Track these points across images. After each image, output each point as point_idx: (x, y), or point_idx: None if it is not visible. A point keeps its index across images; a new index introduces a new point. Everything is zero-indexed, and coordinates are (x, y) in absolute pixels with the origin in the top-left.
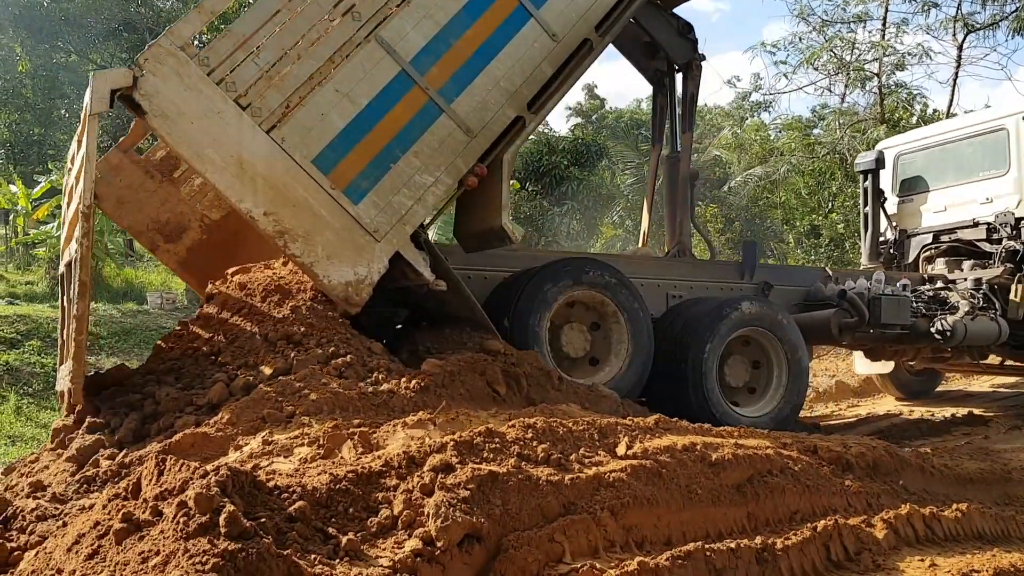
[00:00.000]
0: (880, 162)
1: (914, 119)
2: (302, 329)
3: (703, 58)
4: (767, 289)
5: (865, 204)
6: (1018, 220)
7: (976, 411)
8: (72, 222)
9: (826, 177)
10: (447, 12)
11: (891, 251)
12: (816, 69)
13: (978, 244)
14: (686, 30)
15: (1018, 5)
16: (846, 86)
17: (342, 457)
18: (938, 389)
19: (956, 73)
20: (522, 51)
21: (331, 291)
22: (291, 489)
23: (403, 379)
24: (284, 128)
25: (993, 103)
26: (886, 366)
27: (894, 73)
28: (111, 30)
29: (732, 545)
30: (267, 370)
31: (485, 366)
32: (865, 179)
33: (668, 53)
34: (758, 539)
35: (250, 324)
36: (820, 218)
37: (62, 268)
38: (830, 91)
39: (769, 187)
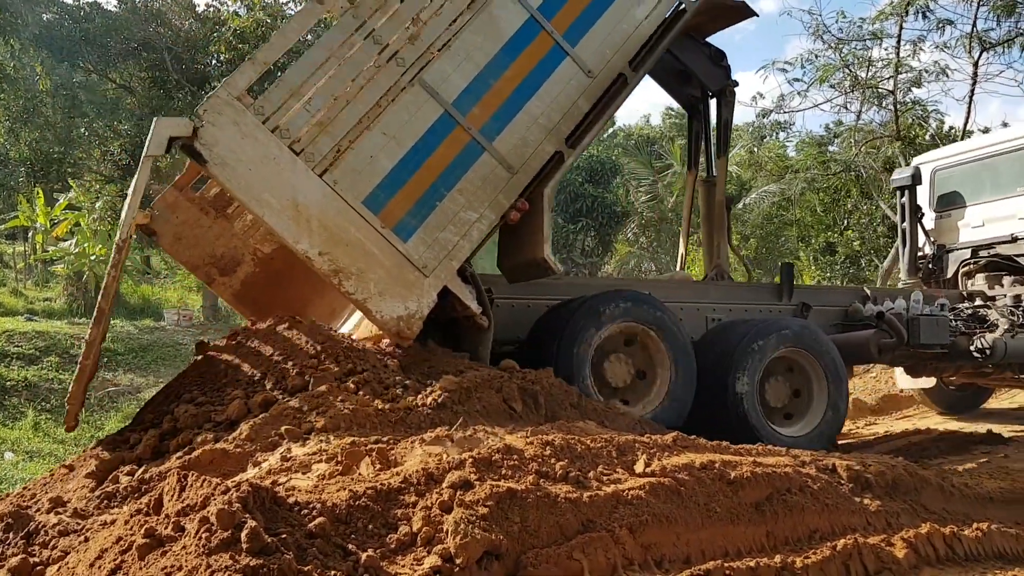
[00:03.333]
0: (916, 178)
1: (928, 136)
2: (319, 346)
3: (736, 84)
4: (805, 310)
5: (903, 220)
6: None
7: (995, 429)
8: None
9: (841, 194)
10: (486, 54)
11: (929, 266)
12: (832, 86)
13: (1017, 259)
14: (719, 58)
15: None
16: (862, 103)
17: (360, 474)
18: (985, 404)
19: (972, 90)
20: (559, 89)
21: (384, 326)
22: (311, 505)
23: (420, 395)
24: (336, 171)
25: (1011, 120)
26: (928, 381)
27: (910, 90)
28: (130, 50)
29: (751, 564)
30: (286, 386)
31: (502, 383)
32: (902, 195)
33: (702, 81)
34: (777, 558)
35: (270, 345)
36: (836, 235)
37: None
38: (846, 108)
39: (784, 204)
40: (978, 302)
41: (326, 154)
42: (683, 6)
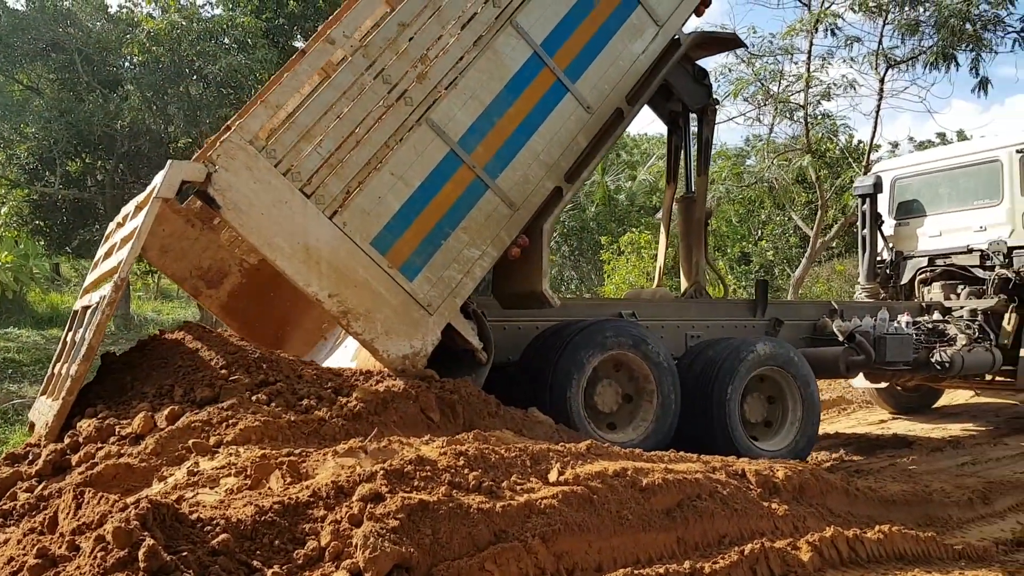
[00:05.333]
0: (878, 186)
1: (838, 149)
2: (229, 357)
3: (717, 102)
4: (777, 325)
5: (863, 226)
6: (1010, 249)
7: (900, 433)
8: (103, 276)
9: (755, 206)
10: (491, 92)
11: (887, 271)
12: (746, 100)
13: (971, 269)
14: (701, 76)
15: (935, 40)
16: (774, 117)
17: (269, 488)
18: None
19: (879, 105)
20: (560, 125)
21: (390, 365)
22: (215, 521)
23: (334, 406)
24: (345, 213)
25: (915, 135)
26: (881, 383)
27: (820, 103)
28: (39, 50)
29: (661, 570)
30: (194, 398)
31: (419, 393)
32: (863, 202)
33: (684, 99)
34: (687, 563)
35: (178, 356)
36: (750, 245)
37: (78, 306)
38: (759, 121)
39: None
40: (936, 316)
41: (336, 195)
42: (678, 39)
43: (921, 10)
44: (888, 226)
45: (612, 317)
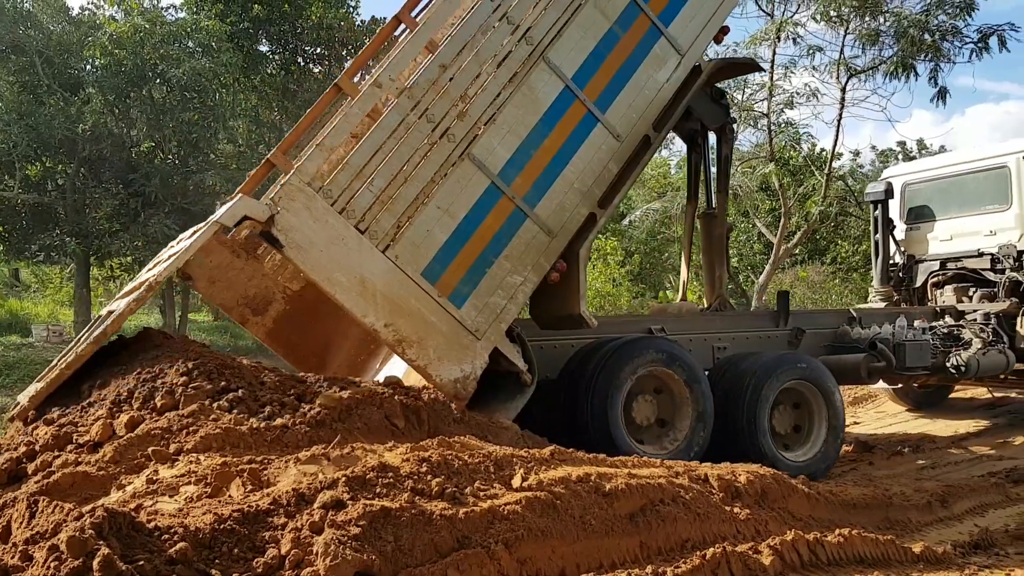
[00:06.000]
0: (889, 192)
1: (801, 157)
2: (190, 363)
3: (735, 121)
4: (800, 334)
5: (876, 231)
6: (1020, 253)
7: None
8: (137, 286)
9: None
10: (527, 125)
11: (900, 275)
12: None
13: (983, 273)
14: (718, 96)
15: (894, 50)
16: (737, 125)
17: (230, 496)
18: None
19: (840, 114)
20: (592, 154)
21: (443, 388)
22: (173, 530)
23: (297, 413)
24: (397, 247)
25: (877, 144)
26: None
27: (783, 112)
28: None
29: (624, 575)
30: (154, 405)
31: (383, 399)
32: (875, 208)
33: (703, 119)
34: (649, 568)
35: (139, 362)
36: None
37: (104, 311)
38: None
39: (666, 221)
40: (951, 320)
41: (388, 230)
42: (699, 66)
43: (881, 20)
44: (900, 231)
45: (644, 334)
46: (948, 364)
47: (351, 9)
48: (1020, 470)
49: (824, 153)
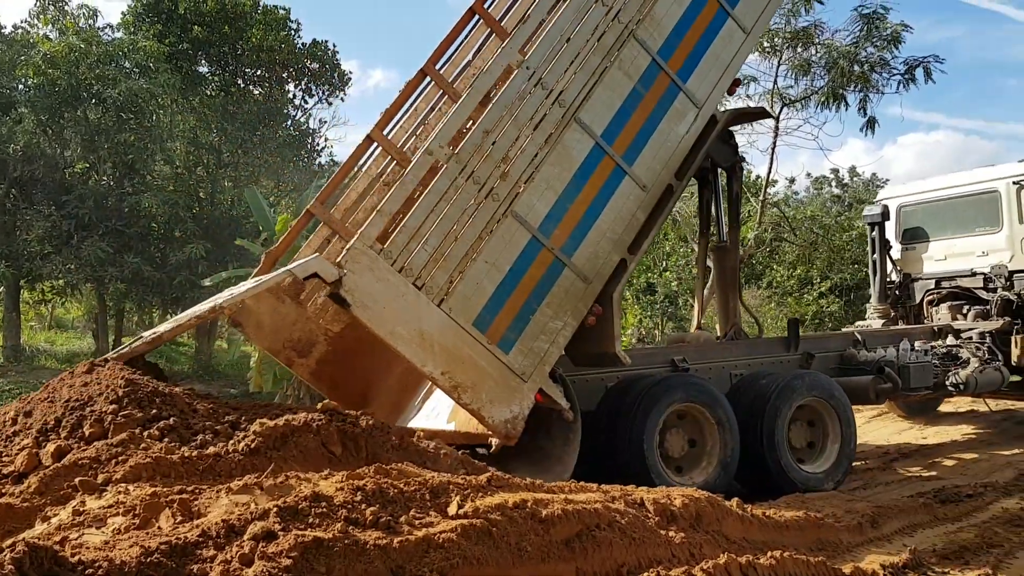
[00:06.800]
0: (885, 214)
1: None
2: (120, 391)
3: (744, 159)
4: (810, 359)
5: (873, 252)
6: (1011, 273)
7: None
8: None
9: (660, 237)
10: (563, 181)
11: (896, 292)
12: None
13: (976, 291)
14: (728, 137)
15: (825, 81)
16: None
17: (159, 527)
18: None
19: (774, 142)
20: (621, 204)
21: (495, 429)
22: (97, 564)
23: (231, 441)
24: (451, 300)
25: (812, 171)
26: None
27: None
28: None
29: None
30: (83, 434)
31: (320, 426)
32: (872, 229)
33: (714, 157)
34: None
35: (67, 390)
36: (655, 276)
37: (147, 333)
38: None
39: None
40: (949, 340)
41: (442, 285)
42: (715, 116)
43: (813, 51)
44: (896, 250)
45: (676, 372)
46: (948, 383)
47: (292, 32)
48: (948, 490)
49: (760, 180)
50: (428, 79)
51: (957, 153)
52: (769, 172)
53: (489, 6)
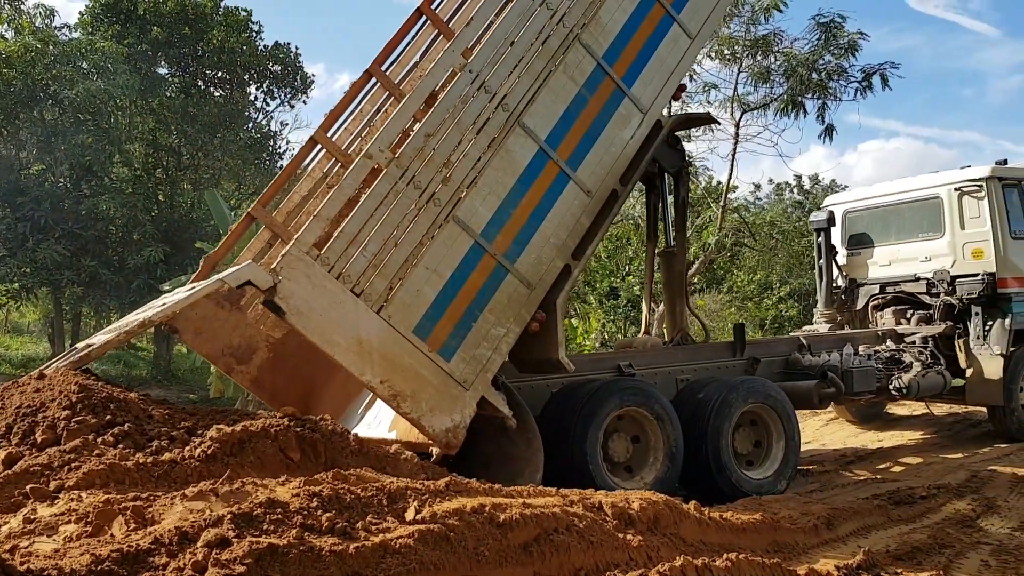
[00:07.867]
0: (831, 220)
1: (700, 190)
2: (73, 397)
3: (691, 164)
4: (755, 364)
5: (819, 257)
6: (953, 278)
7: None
8: (125, 324)
9: (623, 242)
10: (506, 186)
11: (842, 297)
12: None
13: (919, 296)
14: (675, 142)
15: (784, 88)
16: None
17: (111, 535)
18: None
19: (735, 149)
20: (565, 209)
21: (435, 439)
22: (46, 572)
23: (187, 447)
24: (390, 307)
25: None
26: None
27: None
28: None
29: None
30: (34, 440)
31: (278, 431)
32: (818, 235)
33: (661, 163)
34: None
35: (18, 396)
36: (618, 280)
37: (81, 344)
38: None
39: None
40: (892, 344)
41: (381, 292)
42: (660, 121)
43: (772, 59)
44: (841, 256)
45: (620, 375)
46: (891, 387)
47: (254, 33)
48: (902, 492)
49: (720, 186)
50: (374, 80)
51: (917, 160)
52: (729, 178)
53: (437, 7)
